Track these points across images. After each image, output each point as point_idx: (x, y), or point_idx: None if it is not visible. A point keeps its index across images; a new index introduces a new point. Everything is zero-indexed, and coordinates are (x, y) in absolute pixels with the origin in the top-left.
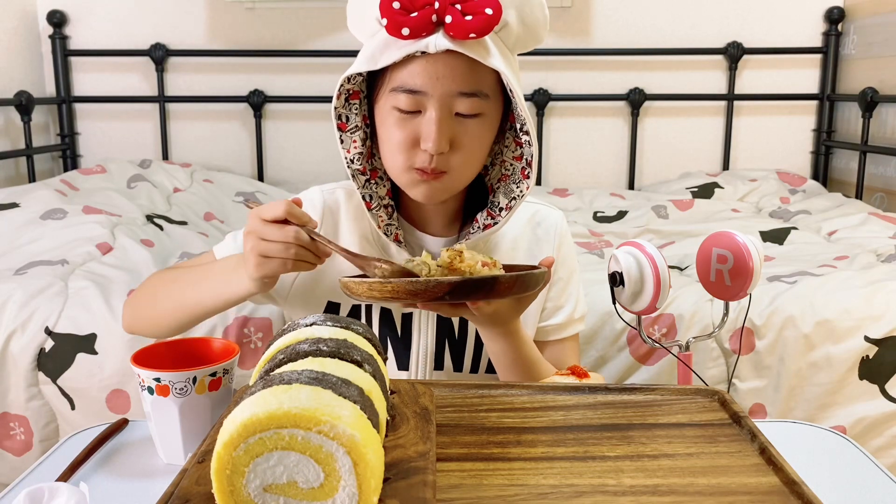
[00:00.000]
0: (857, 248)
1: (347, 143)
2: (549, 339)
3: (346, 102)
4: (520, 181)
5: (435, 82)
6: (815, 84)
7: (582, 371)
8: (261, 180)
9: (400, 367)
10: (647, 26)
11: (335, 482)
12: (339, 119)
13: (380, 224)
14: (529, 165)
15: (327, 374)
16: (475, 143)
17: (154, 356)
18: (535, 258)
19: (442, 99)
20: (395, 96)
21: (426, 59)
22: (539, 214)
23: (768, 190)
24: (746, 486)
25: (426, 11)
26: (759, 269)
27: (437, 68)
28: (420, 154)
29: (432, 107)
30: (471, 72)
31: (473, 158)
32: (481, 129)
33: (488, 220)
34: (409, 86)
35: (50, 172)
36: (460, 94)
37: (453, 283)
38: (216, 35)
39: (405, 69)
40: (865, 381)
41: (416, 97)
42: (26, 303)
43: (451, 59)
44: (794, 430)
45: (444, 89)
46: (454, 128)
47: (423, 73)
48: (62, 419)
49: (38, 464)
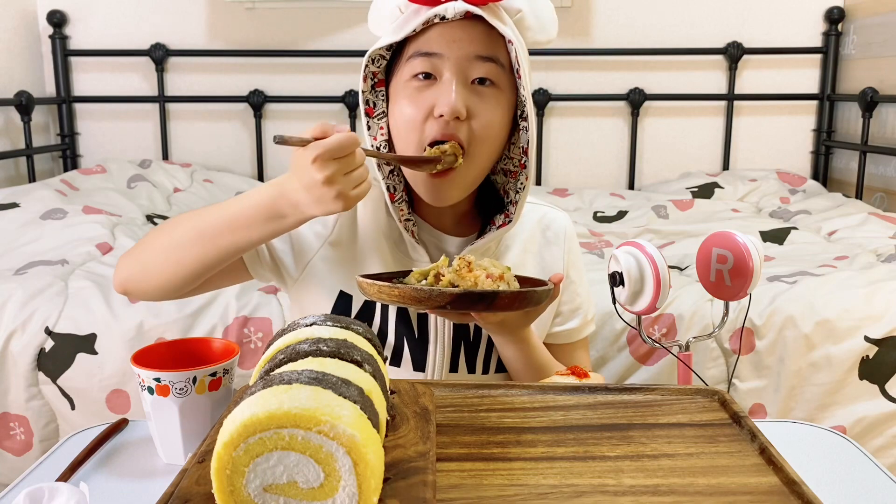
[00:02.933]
0: (857, 248)
1: (374, 129)
2: (563, 342)
3: (372, 89)
4: (520, 173)
5: (452, 44)
6: (815, 84)
7: (582, 371)
8: (261, 180)
9: (416, 368)
10: (647, 26)
11: (335, 482)
12: (367, 104)
13: (400, 218)
14: (526, 154)
15: (327, 374)
16: (490, 114)
17: (154, 356)
18: (545, 261)
19: (458, 62)
20: (412, 63)
21: (444, 25)
22: (547, 217)
23: (768, 190)
24: (746, 486)
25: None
26: (759, 269)
27: (455, 32)
28: (433, 124)
29: (448, 70)
30: (487, 37)
31: (491, 132)
32: (497, 101)
33: (504, 221)
34: (426, 49)
35: (50, 172)
36: (477, 58)
37: (455, 293)
38: (216, 35)
39: (423, 37)
40: (865, 381)
41: (433, 60)
42: (26, 303)
43: (468, 24)
44: (794, 430)
45: (460, 52)
46: (470, 97)
47: (439, 37)
48: (62, 419)
49: (38, 464)
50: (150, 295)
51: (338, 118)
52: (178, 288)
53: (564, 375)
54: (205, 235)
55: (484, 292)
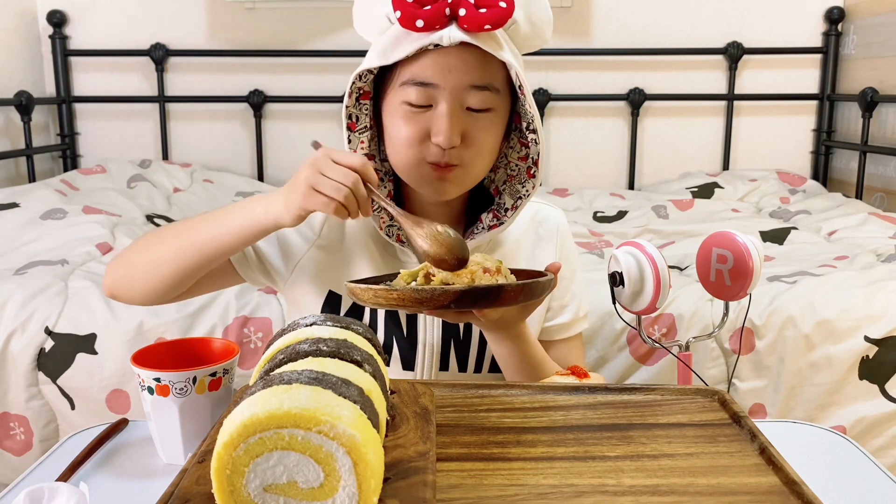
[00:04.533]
0: (857, 248)
1: (355, 143)
2: (555, 338)
3: (356, 102)
4: (525, 181)
5: (447, 75)
6: (815, 84)
7: (582, 371)
8: (261, 180)
9: (405, 367)
10: (647, 26)
11: (335, 482)
12: (350, 119)
13: (381, 226)
14: (536, 164)
15: (327, 374)
16: (486, 138)
17: (154, 356)
18: (537, 257)
19: (454, 92)
20: (406, 90)
21: (438, 52)
22: (540, 214)
23: (768, 190)
24: (746, 486)
25: (440, 4)
26: (759, 269)
27: (450, 60)
28: (431, 148)
29: (444, 99)
30: (483, 65)
31: (484, 153)
32: (492, 123)
33: (493, 222)
34: (421, 78)
35: (50, 172)
36: (472, 88)
37: (458, 291)
38: (216, 35)
39: (416, 63)
40: (865, 381)
41: (428, 90)
42: (26, 303)
43: (463, 52)
44: (794, 430)
45: (456, 82)
46: (465, 122)
47: (434, 65)
48: (62, 419)
49: (38, 464)
50: (136, 301)
51: (337, 118)
52: (161, 295)
53: (564, 375)
54: (186, 249)
55: (489, 287)
